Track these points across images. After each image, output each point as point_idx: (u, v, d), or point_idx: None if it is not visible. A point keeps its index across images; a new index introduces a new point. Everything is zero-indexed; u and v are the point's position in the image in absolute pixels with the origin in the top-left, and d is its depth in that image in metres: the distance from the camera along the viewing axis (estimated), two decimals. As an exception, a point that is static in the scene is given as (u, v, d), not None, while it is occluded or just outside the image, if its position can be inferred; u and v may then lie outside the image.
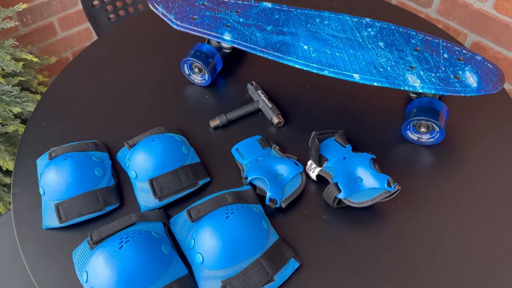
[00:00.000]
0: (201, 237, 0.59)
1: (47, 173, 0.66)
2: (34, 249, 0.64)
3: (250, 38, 0.76)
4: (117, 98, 0.84)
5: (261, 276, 0.57)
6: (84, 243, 0.61)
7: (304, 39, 0.75)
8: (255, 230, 0.60)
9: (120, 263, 0.54)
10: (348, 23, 0.78)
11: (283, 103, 0.82)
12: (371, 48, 0.73)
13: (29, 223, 0.67)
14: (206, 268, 0.58)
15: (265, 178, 0.66)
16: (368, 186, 0.63)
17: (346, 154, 0.68)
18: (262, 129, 0.78)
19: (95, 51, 0.95)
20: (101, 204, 0.66)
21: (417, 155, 0.73)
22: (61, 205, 0.65)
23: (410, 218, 0.65)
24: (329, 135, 0.72)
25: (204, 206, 0.63)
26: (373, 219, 0.65)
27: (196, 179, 0.68)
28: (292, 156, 0.71)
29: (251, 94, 0.82)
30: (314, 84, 0.85)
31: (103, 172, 0.69)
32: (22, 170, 0.73)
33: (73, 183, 0.65)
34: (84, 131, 0.79)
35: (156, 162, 0.67)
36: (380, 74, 0.69)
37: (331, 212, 0.66)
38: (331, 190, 0.64)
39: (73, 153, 0.69)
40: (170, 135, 0.71)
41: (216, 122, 0.77)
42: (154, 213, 0.64)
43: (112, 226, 0.62)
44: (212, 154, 0.74)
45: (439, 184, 0.69)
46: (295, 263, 0.60)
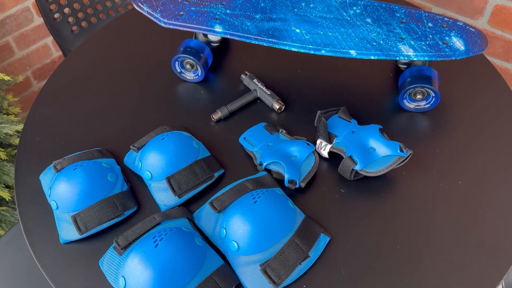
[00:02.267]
0: (233, 225, 0.58)
1: (58, 185, 0.63)
2: (56, 265, 0.61)
3: (242, 28, 0.76)
4: (110, 105, 0.82)
5: (298, 254, 0.58)
6: (111, 251, 0.59)
7: (294, 23, 0.77)
8: (284, 210, 0.60)
9: (158, 261, 0.53)
10: (333, 3, 0.80)
11: (278, 89, 0.83)
12: (360, 25, 0.76)
13: (44, 240, 0.64)
14: (242, 254, 0.58)
15: (281, 162, 0.66)
16: (381, 154, 0.66)
17: (353, 128, 0.70)
18: (264, 117, 0.78)
19: (78, 60, 0.91)
20: (119, 210, 0.64)
21: (416, 121, 0.76)
22: (78, 216, 0.62)
23: (422, 181, 0.68)
24: (332, 113, 0.74)
25: (227, 196, 0.63)
26: (388, 187, 0.68)
27: (212, 172, 0.68)
28: (301, 137, 0.72)
29: (247, 84, 0.82)
30: (304, 68, 0.86)
31: (115, 177, 0.67)
32: (24, 188, 0.70)
33: (88, 192, 0.63)
34: (81, 141, 0.76)
35: (171, 159, 0.66)
36: (375, 48, 0.71)
37: (347, 186, 0.68)
38: (348, 163, 0.66)
39: (82, 161, 0.67)
40: (178, 132, 0.70)
41: (218, 115, 0.77)
42: (176, 210, 0.63)
43: (137, 228, 0.60)
44: (219, 146, 0.74)
45: (442, 145, 0.73)
46: (326, 237, 0.61)
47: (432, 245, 0.61)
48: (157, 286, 0.53)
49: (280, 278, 0.56)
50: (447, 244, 0.61)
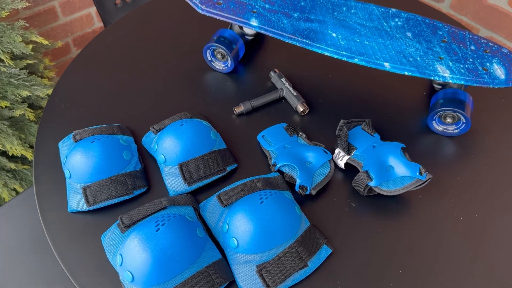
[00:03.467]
0: (236, 222, 0.58)
1: (74, 155, 0.65)
2: (61, 233, 0.62)
3: (277, 25, 0.75)
4: (138, 83, 0.83)
5: (296, 262, 0.57)
6: (114, 227, 0.60)
7: (332, 27, 0.75)
8: (289, 215, 0.59)
9: (157, 246, 0.54)
10: (375, 12, 0.78)
11: (306, 91, 0.81)
12: (400, 38, 0.73)
13: (53, 206, 0.65)
14: (241, 252, 0.58)
15: (294, 165, 0.65)
16: (399, 174, 0.64)
17: (375, 143, 0.68)
18: (286, 117, 0.77)
19: (115, 33, 0.93)
20: (129, 188, 0.64)
21: (442, 145, 0.73)
22: (88, 188, 0.63)
23: (438, 207, 0.66)
24: (356, 123, 0.72)
25: (235, 192, 0.63)
26: (401, 208, 0.66)
27: (224, 165, 0.67)
28: (320, 144, 0.71)
29: (274, 82, 0.81)
30: (336, 73, 0.84)
31: (130, 156, 0.67)
32: (43, 152, 0.71)
33: (102, 166, 0.64)
34: (104, 115, 0.77)
35: (186, 146, 0.66)
36: (411, 64, 0.69)
37: (359, 200, 0.66)
38: (362, 178, 0.64)
39: (100, 135, 0.68)
40: (198, 120, 0.70)
41: (240, 108, 0.77)
42: (184, 197, 0.63)
43: (143, 209, 0.61)
44: (237, 140, 0.74)
45: (465, 174, 0.70)
46: (328, 249, 0.60)
47: (437, 275, 0.59)
48: (152, 269, 0.53)
49: (274, 282, 0.56)
50: (453, 277, 0.59)
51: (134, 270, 0.53)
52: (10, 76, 1.04)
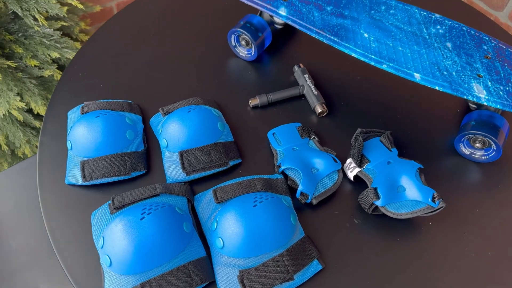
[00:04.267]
0: (225, 222, 0.55)
1: (77, 128, 0.64)
2: (54, 203, 0.62)
3: (307, 17, 0.70)
4: (158, 60, 0.80)
5: (281, 273, 0.54)
6: (105, 206, 0.59)
7: (365, 26, 0.69)
8: (282, 224, 0.56)
9: (139, 235, 0.52)
10: (416, 16, 0.71)
11: (329, 91, 0.76)
12: (438, 47, 0.67)
13: (52, 175, 0.65)
14: (225, 254, 0.55)
15: (299, 170, 0.62)
16: (410, 197, 0.59)
17: (391, 159, 0.63)
18: (303, 117, 0.73)
19: (142, 8, 0.91)
20: (127, 169, 0.63)
21: (467, 171, 0.67)
22: (86, 163, 0.63)
23: (448, 238, 0.60)
24: (375, 134, 0.67)
25: (232, 189, 0.60)
26: (407, 232, 0.61)
27: (227, 159, 0.65)
28: (331, 151, 0.66)
29: (297, 77, 0.77)
30: (366, 77, 0.79)
31: (134, 136, 0.66)
32: (52, 119, 0.71)
33: (102, 143, 0.63)
34: (120, 89, 0.76)
35: (189, 134, 0.64)
36: (444, 78, 0.63)
37: (363, 217, 0.62)
38: (369, 195, 0.60)
39: (106, 111, 0.66)
40: (207, 108, 0.67)
41: (256, 101, 0.73)
42: (180, 186, 0.61)
43: (136, 193, 0.59)
44: (246, 134, 0.70)
45: (486, 206, 0.63)
46: (318, 265, 0.57)
47: (431, 313, 0.54)
48: (130, 257, 0.52)
49: (254, 291, 0.53)
50: (449, 318, 0.54)
51: (112, 255, 0.52)
52: (43, 36, 1.05)
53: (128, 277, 0.52)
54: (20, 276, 0.85)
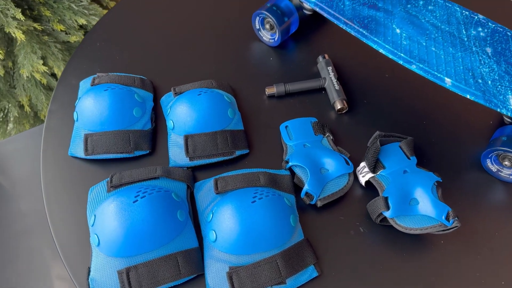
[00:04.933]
0: (220, 215, 0.53)
1: (84, 99, 0.62)
2: (55, 174, 0.61)
3: (337, 5, 0.65)
4: (177, 38, 0.78)
5: (273, 275, 0.51)
6: (103, 183, 0.58)
7: (398, 21, 0.64)
8: (280, 225, 0.53)
9: (129, 218, 0.50)
10: (457, 15, 0.65)
11: (352, 87, 0.72)
12: (476, 52, 0.61)
13: (56, 145, 0.64)
14: (217, 248, 0.53)
15: (307, 168, 0.58)
16: (422, 212, 0.54)
17: (408, 168, 0.59)
18: (320, 111, 0.69)
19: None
20: (130, 147, 0.61)
21: (491, 189, 0.62)
22: (90, 137, 0.61)
23: (460, 260, 0.56)
24: (395, 139, 0.62)
25: (234, 180, 0.57)
26: (416, 248, 0.56)
27: (234, 148, 0.62)
28: (345, 152, 0.62)
29: (320, 68, 0.72)
30: (395, 75, 0.73)
31: (141, 113, 0.64)
32: (64, 87, 0.70)
33: (108, 117, 0.61)
34: (135, 63, 0.73)
35: (197, 118, 0.61)
36: (477, 87, 0.57)
37: (370, 226, 0.58)
38: (378, 204, 0.56)
39: (116, 85, 0.64)
40: (219, 93, 0.64)
41: (272, 90, 0.69)
42: (181, 171, 0.59)
43: (135, 174, 0.58)
44: (258, 124, 0.67)
45: (507, 231, 0.58)
46: (314, 271, 0.53)
47: None
48: (118, 239, 0.50)
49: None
50: None
51: (101, 235, 0.51)
52: (72, 1, 1.04)
53: (115, 259, 0.51)
54: (25, 239, 0.87)
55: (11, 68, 1.10)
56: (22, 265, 0.82)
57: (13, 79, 1.13)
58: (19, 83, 1.11)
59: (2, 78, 1.11)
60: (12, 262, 0.83)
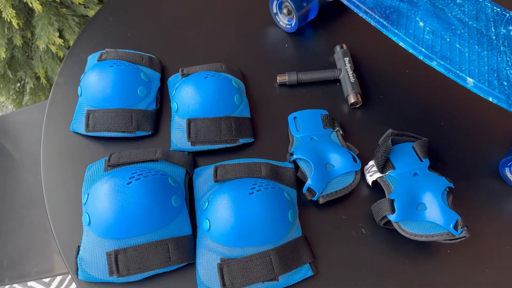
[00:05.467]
0: (216, 204, 0.51)
1: (89, 75, 0.61)
2: (55, 148, 0.60)
3: (358, -7, 0.62)
4: (192, 18, 0.75)
5: (265, 271, 0.49)
6: (101, 162, 0.57)
7: (423, 14, 0.60)
8: (277, 219, 0.51)
9: (121, 199, 0.49)
10: (487, 11, 0.60)
11: (368, 81, 0.68)
12: (503, 52, 0.56)
13: (59, 119, 0.63)
14: (210, 238, 0.51)
15: (311, 163, 0.55)
16: (429, 218, 0.51)
17: (419, 170, 0.55)
18: (332, 104, 0.66)
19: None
20: (132, 127, 0.60)
21: (506, 200, 0.58)
22: (92, 113, 0.60)
23: (465, 273, 0.52)
24: (408, 139, 0.59)
25: (234, 169, 0.55)
26: (419, 256, 0.53)
27: (238, 136, 0.59)
28: (354, 149, 0.59)
29: (336, 58, 0.69)
30: (415, 72, 0.69)
31: (146, 93, 0.62)
32: (72, 61, 0.69)
33: (111, 95, 0.60)
34: (146, 42, 0.72)
35: (201, 102, 0.59)
36: (502, 89, 0.53)
37: (373, 229, 0.55)
38: (383, 206, 0.53)
39: (122, 62, 0.63)
40: (227, 77, 0.62)
41: (284, 78, 0.66)
42: (181, 156, 0.57)
43: (134, 154, 0.56)
44: (266, 112, 0.64)
45: (520, 246, 0.54)
46: (309, 271, 0.51)
47: None
48: (108, 220, 0.49)
49: (232, 284, 0.49)
50: None
51: (92, 214, 0.50)
52: (92, -26, 1.03)
53: (105, 240, 0.49)
54: (29, 210, 0.87)
55: (30, 39, 1.10)
56: (24, 236, 0.83)
57: (31, 50, 1.13)
58: (37, 55, 1.11)
59: (20, 48, 1.11)
60: (15, 233, 0.83)
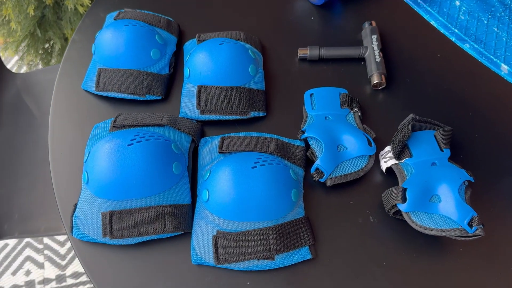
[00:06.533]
0: (217, 175, 0.49)
1: (104, 33, 0.59)
2: (64, 106, 0.60)
3: (392, -35, 0.57)
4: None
5: (261, 249, 0.47)
6: (107, 122, 0.56)
7: (460, -8, 0.55)
8: (278, 196, 0.48)
9: (120, 161, 0.48)
10: (535, -8, 0.55)
11: (395, 62, 0.64)
12: (548, 38, 0.51)
13: (72, 76, 0.62)
14: (208, 209, 0.49)
15: (322, 142, 0.52)
16: (443, 212, 0.47)
17: (438, 160, 0.51)
18: (353, 84, 0.62)
19: None
20: (143, 90, 0.58)
21: (533, 202, 0.53)
22: (103, 72, 0.59)
23: (477, 275, 0.49)
24: (430, 126, 0.55)
25: (240, 142, 0.53)
26: (428, 251, 0.50)
27: (249, 108, 0.57)
28: (371, 132, 0.56)
29: (364, 36, 0.65)
30: (448, 56, 0.64)
31: (160, 56, 0.60)
32: (91, 19, 0.68)
33: (123, 55, 0.58)
34: (167, 4, 0.69)
35: (214, 69, 0.56)
36: (540, 79, 0.48)
37: (381, 217, 0.52)
38: (394, 195, 0.49)
39: (138, 22, 0.61)
40: (244, 46, 0.59)
41: (305, 52, 0.63)
42: (188, 123, 0.55)
43: (140, 117, 0.55)
44: (282, 86, 0.61)
45: (541, 252, 0.50)
46: (308, 253, 0.49)
47: None
48: (105, 180, 0.48)
49: (225, 258, 0.47)
50: None
51: (91, 173, 0.49)
52: None
53: (101, 200, 0.48)
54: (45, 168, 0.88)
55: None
56: (37, 193, 0.84)
57: (61, 10, 1.13)
58: (66, 15, 1.11)
59: (51, 8, 1.12)
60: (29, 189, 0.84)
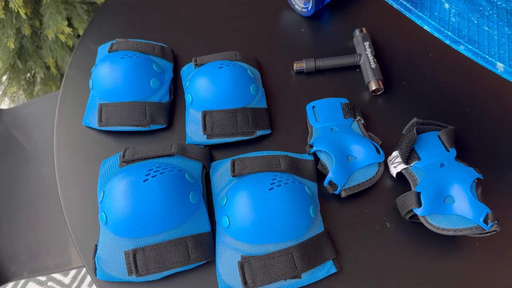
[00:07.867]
0: (235, 200, 0.49)
1: (100, 67, 0.59)
2: (68, 143, 0.59)
3: (379, -26, 0.58)
4: (203, 4, 0.72)
5: (287, 269, 0.48)
6: (116, 157, 0.55)
7: (448, -5, 0.56)
8: (298, 215, 0.49)
9: (138, 197, 0.47)
10: (518, -11, 0.57)
11: (390, 66, 0.65)
12: (538, 33, 0.53)
13: (72, 113, 0.61)
14: (230, 235, 0.49)
15: (332, 155, 0.53)
16: (458, 212, 0.49)
17: (446, 161, 0.53)
18: (353, 92, 0.63)
19: None
20: (146, 120, 0.58)
21: (538, 191, 0.55)
22: (105, 107, 0.58)
23: (495, 269, 0.50)
24: (433, 127, 0.56)
25: (252, 163, 0.53)
26: (446, 251, 0.51)
27: (255, 128, 0.57)
28: (376, 139, 0.57)
29: (356, 43, 0.66)
30: (439, 55, 0.66)
31: (159, 85, 0.60)
32: (82, 52, 0.67)
33: (123, 88, 0.58)
34: (157, 30, 0.69)
35: (216, 94, 0.56)
36: (536, 74, 0.50)
37: (398, 222, 0.53)
38: (409, 200, 0.50)
39: (134, 53, 0.60)
40: (242, 67, 0.59)
41: (301, 65, 0.64)
42: (197, 150, 0.55)
43: (149, 149, 0.54)
44: (283, 102, 0.62)
45: (553, 238, 0.52)
46: (332, 267, 0.49)
47: None
48: (125, 219, 0.47)
49: (253, 282, 0.48)
50: None
51: (109, 213, 0.48)
52: (99, -41, 1.00)
53: (122, 239, 0.48)
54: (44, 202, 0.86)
55: (38, 28, 1.08)
56: (40, 229, 0.82)
57: (40, 39, 1.11)
58: (46, 44, 1.09)
59: (29, 38, 1.10)
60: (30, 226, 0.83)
